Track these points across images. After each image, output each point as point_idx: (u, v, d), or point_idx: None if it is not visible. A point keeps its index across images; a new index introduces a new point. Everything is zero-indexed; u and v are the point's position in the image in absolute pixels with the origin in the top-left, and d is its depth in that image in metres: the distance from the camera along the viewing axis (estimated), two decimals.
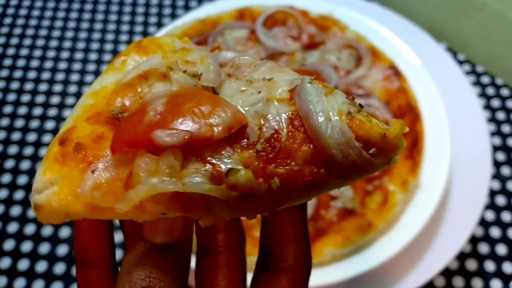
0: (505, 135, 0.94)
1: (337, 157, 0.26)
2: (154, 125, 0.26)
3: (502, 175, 0.89)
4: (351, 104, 0.28)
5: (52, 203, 0.26)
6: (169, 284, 0.28)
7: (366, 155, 0.27)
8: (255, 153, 0.26)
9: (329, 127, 0.26)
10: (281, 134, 0.27)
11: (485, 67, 1.05)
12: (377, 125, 0.27)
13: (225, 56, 0.31)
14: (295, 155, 0.26)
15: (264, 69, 0.30)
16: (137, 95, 0.30)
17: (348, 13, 0.92)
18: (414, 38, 0.95)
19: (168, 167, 0.25)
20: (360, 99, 0.81)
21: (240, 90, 0.29)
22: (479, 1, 1.01)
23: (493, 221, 0.84)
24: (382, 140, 0.26)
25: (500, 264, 0.79)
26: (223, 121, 0.26)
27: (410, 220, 0.71)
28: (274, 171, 0.26)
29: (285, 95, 0.28)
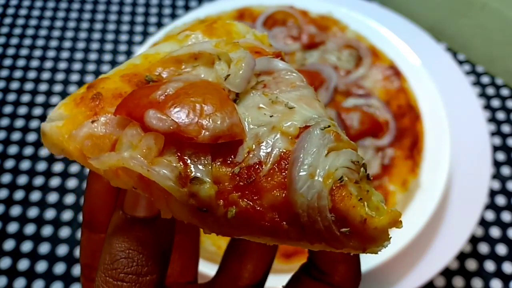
0: (505, 135, 0.94)
1: (302, 219, 0.24)
2: (154, 104, 0.26)
3: (502, 175, 0.89)
4: (353, 171, 0.25)
5: (53, 135, 0.27)
6: (147, 257, 0.28)
7: (335, 231, 0.24)
8: (230, 174, 0.25)
9: (307, 184, 0.24)
10: (262, 168, 0.25)
11: (485, 67, 1.05)
12: (363, 207, 0.23)
13: (275, 65, 0.30)
14: (264, 195, 0.25)
15: (295, 95, 0.28)
16: (178, 71, 0.30)
17: (348, 13, 0.92)
18: (414, 38, 0.95)
19: (146, 148, 0.25)
20: (360, 99, 0.81)
21: (258, 105, 0.28)
22: (479, 1, 1.01)
23: (493, 221, 0.84)
24: (360, 225, 0.23)
25: (500, 264, 0.79)
26: (213, 128, 0.25)
27: (410, 220, 0.71)
28: (236, 200, 0.25)
29: (293, 131, 0.26)
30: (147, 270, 0.28)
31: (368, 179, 0.25)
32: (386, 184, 0.72)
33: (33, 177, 0.87)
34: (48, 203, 0.84)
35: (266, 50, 0.31)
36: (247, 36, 0.33)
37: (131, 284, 0.27)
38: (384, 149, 0.76)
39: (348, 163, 0.25)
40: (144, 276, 0.27)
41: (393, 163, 0.74)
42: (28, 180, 0.87)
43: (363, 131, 0.76)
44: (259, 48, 0.31)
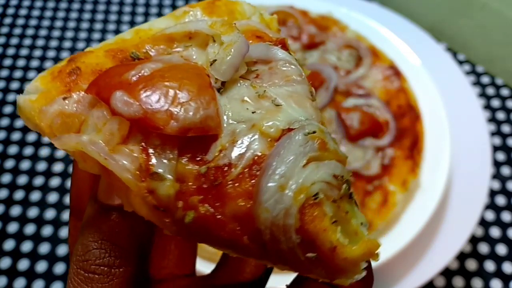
0: (505, 135, 0.94)
1: (264, 236, 0.21)
2: (124, 85, 0.23)
3: (502, 175, 0.89)
4: (333, 187, 0.21)
5: (26, 108, 0.25)
6: (121, 249, 0.26)
7: (299, 255, 0.21)
8: (196, 173, 0.22)
9: (274, 198, 0.21)
10: (231, 171, 0.22)
11: (485, 67, 1.05)
12: (335, 232, 0.20)
13: (274, 54, 0.26)
14: (228, 203, 0.21)
15: (286, 90, 0.25)
16: (168, 50, 0.27)
17: (348, 13, 0.92)
18: (414, 38, 0.95)
19: (109, 133, 0.23)
20: (360, 99, 0.81)
21: (243, 98, 0.24)
22: (479, 1, 1.01)
23: (493, 221, 0.84)
24: (328, 253, 0.20)
25: (500, 264, 0.79)
26: (184, 119, 0.22)
27: (410, 220, 0.71)
28: (195, 204, 0.22)
29: (273, 132, 0.23)
30: (120, 262, 0.26)
31: (350, 198, 0.22)
32: (386, 184, 0.72)
33: (33, 177, 0.87)
34: (48, 203, 0.84)
35: (270, 35, 0.28)
36: (252, 18, 0.29)
37: (103, 276, 0.25)
38: (384, 149, 0.76)
39: (329, 177, 0.22)
40: (117, 268, 0.26)
41: (393, 163, 0.74)
42: (28, 180, 0.87)
43: (363, 131, 0.76)
44: (262, 32, 0.28)
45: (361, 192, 0.73)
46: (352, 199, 0.22)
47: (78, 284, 0.26)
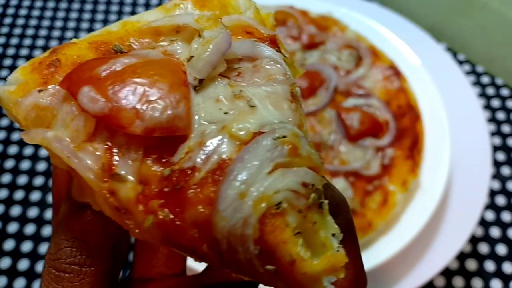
0: (505, 135, 0.94)
1: (221, 245, 0.20)
2: (94, 79, 0.22)
3: (502, 175, 0.89)
4: (300, 196, 0.20)
5: (4, 99, 0.25)
6: (93, 248, 0.25)
7: (258, 267, 0.20)
8: (160, 175, 0.21)
9: (233, 206, 0.19)
10: (194, 175, 0.21)
11: (485, 67, 1.05)
12: (296, 244, 0.19)
13: (260, 51, 0.25)
14: (188, 208, 0.20)
15: (264, 91, 0.24)
16: (153, 43, 0.26)
17: (348, 13, 0.92)
18: (414, 38, 0.95)
19: (75, 130, 0.22)
20: (360, 99, 0.81)
21: (218, 97, 0.23)
22: (479, 1, 1.01)
23: (493, 221, 0.84)
24: (287, 266, 0.19)
25: (500, 264, 0.79)
26: (150, 118, 0.21)
27: (410, 220, 0.71)
28: (155, 209, 0.21)
29: (243, 135, 0.21)
30: (92, 261, 0.25)
31: (320, 207, 0.21)
32: (386, 184, 0.72)
33: (33, 177, 0.87)
34: (48, 203, 0.84)
35: (261, 31, 0.27)
36: (246, 13, 0.28)
37: (74, 275, 0.25)
38: (384, 149, 0.76)
39: (296, 185, 0.20)
40: (88, 267, 0.25)
41: (393, 163, 0.74)
42: (28, 180, 0.87)
43: (363, 131, 0.76)
44: (253, 28, 0.27)
45: (361, 192, 0.73)
46: (322, 208, 0.21)
47: (49, 283, 0.25)
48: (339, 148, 0.77)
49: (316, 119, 0.80)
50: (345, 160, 0.76)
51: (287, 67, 0.25)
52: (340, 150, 0.77)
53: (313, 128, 0.79)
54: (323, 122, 0.79)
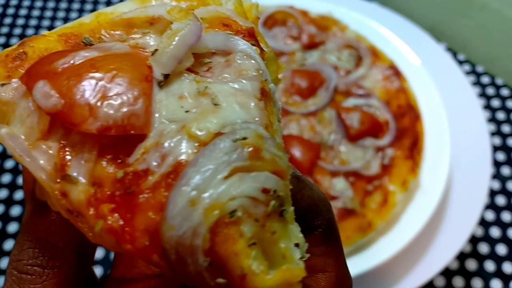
0: (505, 135, 0.94)
1: (170, 256, 0.18)
2: (50, 74, 0.21)
3: (502, 175, 0.89)
4: (258, 203, 0.18)
5: None
6: (57, 248, 0.24)
7: (208, 279, 0.18)
8: (113, 178, 0.20)
9: (182, 214, 0.18)
10: (148, 178, 0.19)
11: (485, 67, 1.05)
12: (248, 257, 0.17)
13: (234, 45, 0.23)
14: (139, 214, 0.19)
15: (231, 88, 0.22)
16: (124, 36, 0.25)
17: (348, 13, 0.92)
18: (414, 38, 0.95)
19: (30, 127, 0.21)
20: (360, 99, 0.81)
21: (182, 94, 0.21)
22: (479, 1, 1.01)
23: (493, 221, 0.84)
24: (238, 280, 0.18)
25: (500, 264, 0.79)
26: (104, 116, 0.20)
27: (410, 220, 0.71)
28: (105, 214, 0.19)
29: (203, 136, 0.20)
30: (54, 263, 0.24)
31: (282, 215, 0.19)
32: (386, 184, 0.72)
33: None
34: None
35: (239, 24, 0.25)
36: (227, 4, 0.26)
37: (35, 277, 0.24)
38: (384, 149, 0.76)
39: (255, 191, 0.18)
40: (51, 269, 0.24)
41: (393, 163, 0.74)
42: None
43: (363, 131, 0.76)
44: (231, 20, 0.25)
45: (361, 192, 0.73)
46: (283, 217, 0.19)
47: (10, 285, 0.24)
48: (339, 148, 0.77)
49: (316, 119, 0.80)
50: (345, 160, 0.76)
51: (263, 62, 0.24)
52: (340, 150, 0.77)
53: (313, 128, 0.79)
54: (323, 122, 0.79)
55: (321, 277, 0.26)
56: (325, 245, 0.26)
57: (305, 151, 0.74)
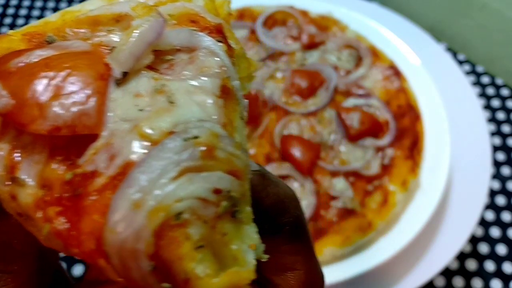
0: (505, 135, 0.94)
1: (113, 260, 0.18)
2: (5, 74, 0.20)
3: (502, 175, 0.89)
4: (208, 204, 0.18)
5: None
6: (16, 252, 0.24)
7: (154, 284, 0.18)
8: (62, 179, 0.19)
9: (125, 217, 0.17)
10: (95, 180, 0.19)
11: (485, 67, 1.05)
12: (192, 260, 0.17)
13: (198, 41, 0.23)
14: (85, 217, 0.18)
15: (189, 85, 0.21)
16: (88, 34, 0.24)
17: (348, 13, 0.92)
18: (414, 38, 0.95)
19: None
20: (360, 99, 0.81)
21: (138, 92, 0.21)
22: (479, 1, 1.01)
23: (493, 221, 0.84)
24: (182, 284, 0.17)
25: (500, 264, 0.79)
26: (54, 116, 0.19)
27: (410, 220, 0.71)
28: (51, 217, 0.19)
29: (156, 135, 0.19)
30: (12, 267, 0.24)
31: (234, 216, 0.18)
32: (386, 184, 0.72)
33: None
34: None
35: (208, 20, 0.24)
36: (198, 1, 0.26)
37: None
38: (384, 149, 0.76)
39: (205, 192, 0.18)
40: (10, 273, 0.23)
41: (393, 163, 0.74)
42: None
43: (363, 131, 0.76)
44: (199, 16, 0.24)
45: (361, 192, 0.73)
46: (236, 217, 0.19)
47: None
48: (339, 148, 0.77)
49: (316, 119, 0.80)
50: (345, 160, 0.76)
51: (229, 59, 0.23)
52: (340, 150, 0.77)
53: (313, 128, 0.79)
54: (323, 122, 0.80)
55: (290, 276, 0.25)
56: (293, 242, 0.26)
57: (305, 151, 0.74)
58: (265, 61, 0.86)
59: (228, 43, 0.24)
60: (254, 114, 0.80)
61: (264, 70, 0.86)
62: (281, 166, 0.74)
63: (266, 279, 0.26)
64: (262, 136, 0.78)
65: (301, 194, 0.72)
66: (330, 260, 0.68)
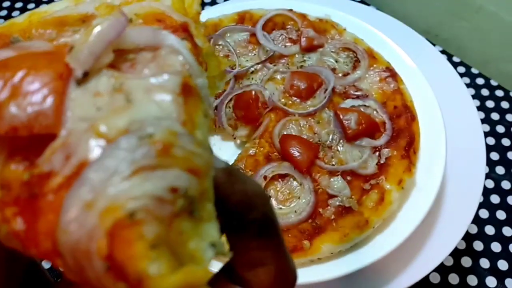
0: (499, 135, 0.96)
1: (68, 261, 0.18)
2: None
3: (496, 174, 0.91)
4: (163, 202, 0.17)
5: None
6: None
7: (109, 284, 0.17)
8: (21, 179, 0.19)
9: (76, 218, 0.17)
10: (52, 181, 0.19)
11: (480, 69, 1.07)
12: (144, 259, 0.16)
13: (162, 39, 0.22)
14: (41, 218, 0.18)
15: (149, 83, 0.21)
16: (54, 34, 0.24)
17: (346, 16, 0.94)
18: (410, 41, 0.97)
19: None
20: (357, 100, 0.83)
21: (97, 91, 0.21)
22: (474, 4, 1.03)
23: (487, 219, 0.86)
24: (136, 284, 0.17)
25: (494, 262, 0.81)
26: (9, 116, 0.19)
27: (406, 218, 0.72)
28: (8, 217, 0.19)
29: (112, 134, 0.19)
30: None
31: (192, 214, 0.18)
32: (383, 183, 0.74)
33: None
34: None
35: (174, 18, 0.24)
36: (166, 0, 0.25)
37: None
38: (381, 149, 0.78)
39: (160, 190, 0.17)
40: None
41: (390, 162, 0.76)
42: None
43: (360, 132, 0.78)
44: (164, 15, 0.24)
45: (358, 190, 0.75)
46: (194, 216, 0.18)
47: None
48: (337, 148, 0.79)
49: (315, 119, 0.82)
50: (343, 159, 0.77)
51: (193, 57, 0.23)
52: (338, 150, 0.79)
53: (312, 129, 0.81)
54: (321, 123, 0.81)
55: (260, 271, 0.25)
56: (262, 238, 0.26)
57: (304, 150, 0.76)
58: (265, 63, 0.88)
59: (194, 41, 0.24)
60: (254, 114, 0.82)
61: (264, 72, 0.88)
62: (281, 165, 0.75)
63: (238, 276, 0.26)
64: (262, 136, 0.80)
65: (300, 193, 0.74)
66: (328, 257, 0.70)
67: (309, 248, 0.68)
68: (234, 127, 0.84)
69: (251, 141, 0.81)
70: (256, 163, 0.77)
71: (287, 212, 0.72)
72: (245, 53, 0.91)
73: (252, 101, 0.82)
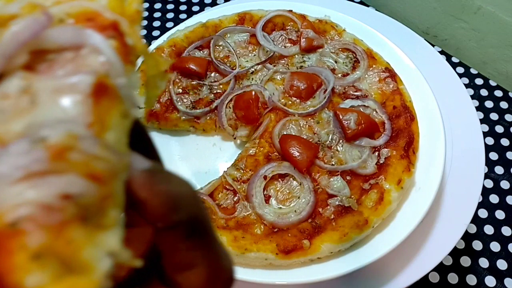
0: (498, 135, 0.97)
1: None
2: None
3: (495, 174, 0.91)
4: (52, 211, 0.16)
5: None
6: None
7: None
8: None
9: None
10: None
11: (479, 69, 1.07)
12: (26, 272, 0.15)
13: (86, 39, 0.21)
14: None
15: (60, 84, 0.20)
16: None
17: (345, 17, 0.94)
18: (409, 42, 0.97)
19: None
20: (357, 100, 0.83)
21: (5, 94, 0.20)
22: (473, 4, 1.04)
23: (486, 219, 0.86)
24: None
25: (493, 261, 0.82)
26: None
27: (405, 218, 0.73)
28: None
29: (7, 138, 0.18)
30: None
31: (85, 222, 0.17)
32: (382, 183, 0.74)
33: None
34: None
35: (106, 17, 0.23)
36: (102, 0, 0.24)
37: None
38: (380, 149, 0.78)
39: (48, 198, 0.16)
40: None
41: (389, 162, 0.76)
42: None
43: (360, 132, 0.78)
44: (96, 14, 0.23)
45: (357, 190, 0.75)
46: (89, 223, 0.17)
47: None
48: (336, 148, 0.79)
49: (315, 120, 0.82)
50: (342, 159, 0.78)
51: (117, 56, 0.22)
52: (337, 150, 0.79)
53: (312, 129, 0.81)
54: (321, 123, 0.82)
55: (190, 273, 0.25)
56: (190, 239, 0.25)
57: (304, 150, 0.76)
58: (265, 64, 0.89)
59: (124, 40, 0.23)
60: (254, 114, 0.82)
61: (264, 72, 0.88)
62: (281, 165, 0.76)
63: (169, 278, 0.25)
64: (262, 136, 0.80)
65: (300, 192, 0.74)
66: (327, 256, 0.70)
67: (308, 247, 0.68)
68: (234, 127, 0.84)
69: (251, 141, 0.81)
70: (256, 163, 0.77)
71: (287, 211, 0.72)
72: (245, 53, 0.91)
73: (252, 101, 0.82)
